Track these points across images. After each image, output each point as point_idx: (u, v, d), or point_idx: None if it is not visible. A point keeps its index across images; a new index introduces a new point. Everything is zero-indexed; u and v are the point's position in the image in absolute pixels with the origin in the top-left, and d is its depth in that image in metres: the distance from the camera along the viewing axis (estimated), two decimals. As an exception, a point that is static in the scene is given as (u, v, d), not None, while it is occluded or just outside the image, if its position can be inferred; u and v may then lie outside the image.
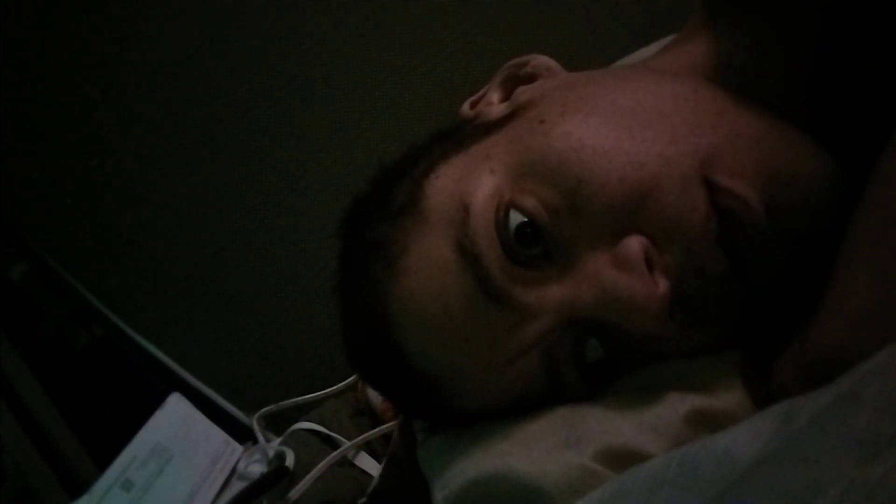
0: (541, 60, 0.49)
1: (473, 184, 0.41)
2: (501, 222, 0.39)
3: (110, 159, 1.10)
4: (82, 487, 0.83)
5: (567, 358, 0.41)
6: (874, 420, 0.28)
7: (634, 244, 0.38)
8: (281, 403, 0.96)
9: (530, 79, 0.48)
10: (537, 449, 0.41)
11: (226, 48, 1.04)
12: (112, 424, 1.02)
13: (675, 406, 0.39)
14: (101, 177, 1.11)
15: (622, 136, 0.39)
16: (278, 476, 0.83)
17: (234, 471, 0.91)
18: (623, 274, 0.37)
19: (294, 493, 0.80)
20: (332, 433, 0.89)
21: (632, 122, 0.40)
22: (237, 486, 0.87)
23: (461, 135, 0.46)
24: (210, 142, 1.07)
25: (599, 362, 0.42)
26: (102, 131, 1.09)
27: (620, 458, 0.38)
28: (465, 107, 0.50)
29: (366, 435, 0.85)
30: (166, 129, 1.08)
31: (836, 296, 0.34)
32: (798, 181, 0.38)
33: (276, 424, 0.96)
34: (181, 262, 1.12)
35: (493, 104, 0.48)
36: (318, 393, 0.96)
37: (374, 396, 0.91)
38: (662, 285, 0.37)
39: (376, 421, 0.89)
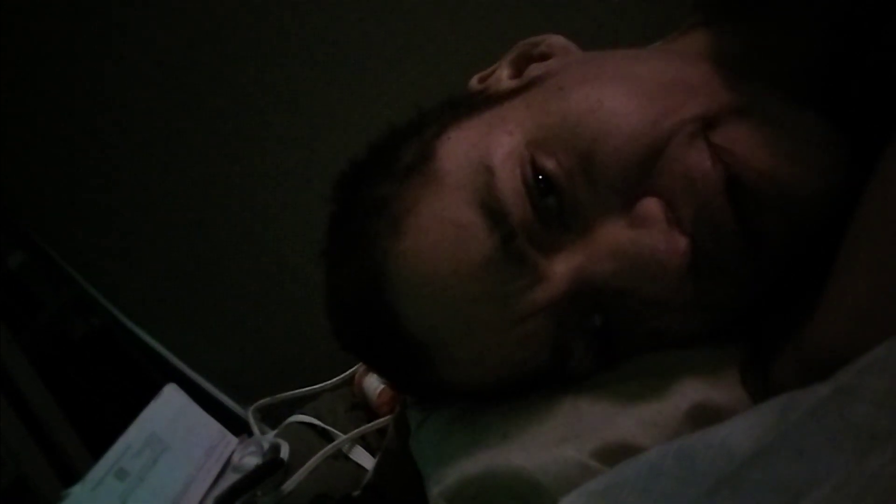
0: (555, 39, 0.49)
1: (492, 145, 0.41)
2: (530, 179, 0.39)
3: (110, 151, 1.10)
4: (76, 476, 0.83)
5: (575, 328, 0.41)
6: (871, 414, 0.28)
7: (652, 203, 0.38)
8: (277, 396, 0.96)
9: (543, 57, 0.48)
10: (535, 445, 0.41)
11: (228, 44, 1.04)
12: (107, 414, 1.02)
13: (676, 401, 0.39)
14: (101, 168, 1.11)
15: (640, 98, 0.40)
16: (272, 468, 0.83)
17: (228, 462, 0.91)
18: (643, 231, 0.38)
19: (288, 486, 0.80)
20: (327, 426, 0.89)
21: (649, 87, 0.40)
22: (231, 478, 0.87)
23: (473, 102, 0.46)
24: (209, 133, 1.07)
25: (605, 337, 0.41)
26: (102, 123, 1.09)
27: (620, 454, 0.38)
28: (474, 81, 0.50)
29: (361, 428, 0.85)
30: (166, 121, 1.08)
31: (836, 291, 0.34)
32: (807, 151, 0.38)
33: (272, 417, 0.96)
34: (179, 254, 1.12)
35: (503, 80, 0.48)
36: (315, 386, 0.96)
37: (371, 390, 0.90)
38: (682, 240, 0.37)
39: (372, 415, 0.89)
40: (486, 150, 0.41)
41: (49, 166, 1.11)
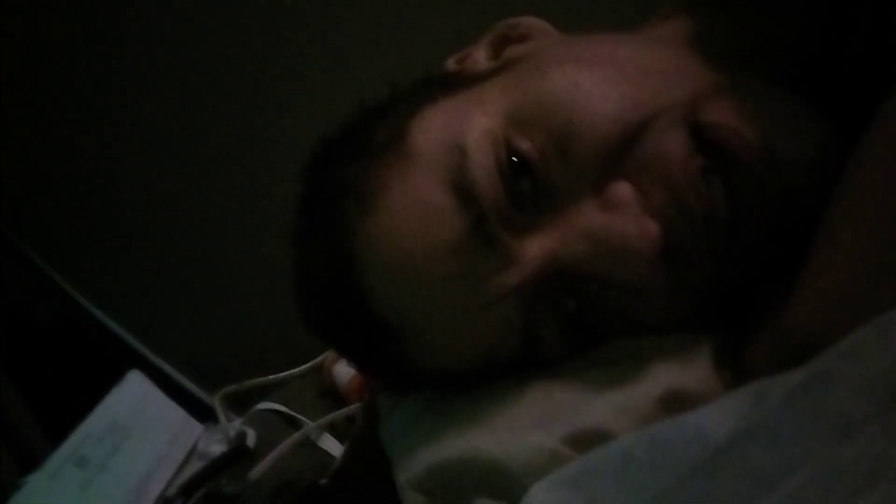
0: (534, 21, 0.49)
1: (467, 125, 0.40)
2: (504, 160, 0.39)
3: (72, 132, 1.08)
4: (35, 463, 0.81)
5: (547, 312, 0.40)
6: (847, 399, 0.28)
7: (624, 186, 0.38)
8: (244, 383, 0.95)
9: (521, 39, 0.48)
10: (505, 431, 0.40)
11: (212, 39, 1.02)
12: (68, 400, 1.00)
13: (648, 387, 0.39)
14: (59, 147, 1.09)
15: (619, 82, 0.39)
16: (238, 456, 0.82)
17: (193, 450, 0.89)
18: (615, 216, 0.37)
19: (254, 474, 0.79)
20: (295, 414, 0.88)
21: (628, 71, 0.40)
22: (196, 466, 0.85)
23: (449, 82, 0.45)
24: (175, 115, 1.05)
25: (578, 323, 0.41)
26: (65, 102, 1.07)
27: (591, 440, 0.37)
28: (451, 62, 0.49)
29: (330, 416, 0.84)
30: (133, 102, 1.06)
31: (811, 275, 0.34)
32: (795, 129, 0.38)
33: (239, 404, 0.95)
34: (144, 236, 1.11)
35: (481, 61, 0.48)
36: (283, 373, 0.95)
37: (340, 377, 0.89)
38: (653, 227, 0.37)
39: (341, 402, 0.88)
40: (460, 130, 0.40)
41: (8, 149, 1.08)
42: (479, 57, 0.48)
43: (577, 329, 0.41)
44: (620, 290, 0.39)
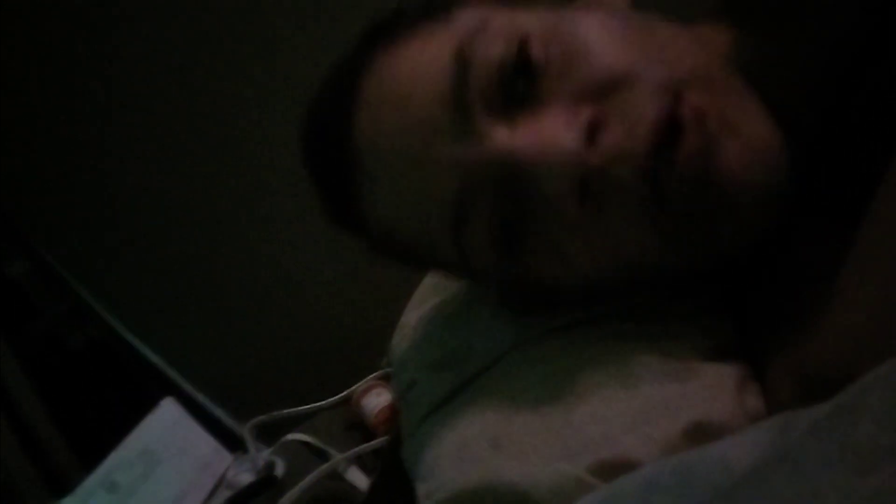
0: None
1: (504, 12, 0.44)
2: (513, 55, 0.41)
3: (112, 161, 1.10)
4: (67, 487, 0.82)
5: (484, 204, 0.42)
6: (873, 431, 0.28)
7: (588, 109, 0.39)
8: (274, 414, 0.95)
9: None
10: (528, 458, 0.41)
11: (228, 46, 1.04)
12: (102, 426, 1.01)
13: (674, 418, 0.39)
14: (103, 177, 1.11)
15: (639, 46, 0.42)
16: (266, 485, 0.82)
17: (222, 479, 0.90)
18: (568, 132, 0.39)
19: (281, 504, 0.79)
20: (323, 446, 0.88)
21: (656, 46, 0.42)
22: (224, 495, 0.86)
23: None
24: (210, 143, 1.07)
25: (507, 226, 0.43)
26: (104, 132, 1.09)
27: (616, 469, 0.38)
28: None
29: (357, 449, 0.84)
30: (166, 131, 1.08)
31: (838, 310, 0.34)
32: (750, 149, 0.39)
33: (268, 435, 0.96)
34: (181, 268, 1.12)
35: None
36: (312, 405, 0.96)
37: (368, 410, 0.90)
38: (593, 156, 0.39)
39: (369, 435, 0.88)
40: (496, 13, 0.44)
41: (51, 175, 1.11)
42: None
43: (505, 231, 0.43)
44: (545, 207, 0.41)
